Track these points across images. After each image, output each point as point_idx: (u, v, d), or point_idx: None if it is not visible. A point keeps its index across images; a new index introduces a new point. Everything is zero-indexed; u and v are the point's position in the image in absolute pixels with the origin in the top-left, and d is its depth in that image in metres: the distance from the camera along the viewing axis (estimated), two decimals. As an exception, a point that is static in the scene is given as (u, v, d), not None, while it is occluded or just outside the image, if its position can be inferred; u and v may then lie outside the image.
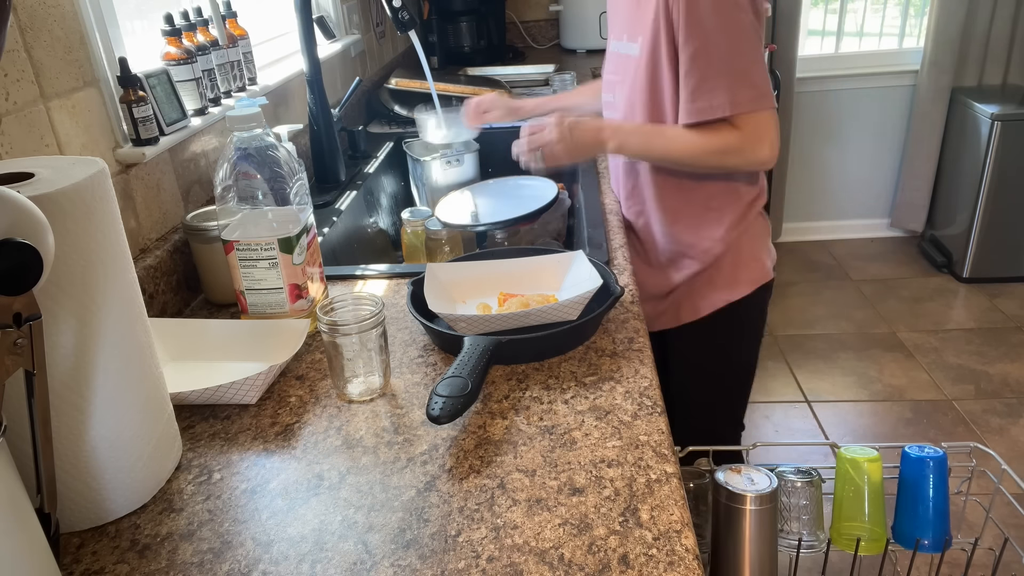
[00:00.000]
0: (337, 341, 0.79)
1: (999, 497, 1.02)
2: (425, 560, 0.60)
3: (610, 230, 1.23)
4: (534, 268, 1.04)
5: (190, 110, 1.16)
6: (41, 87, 0.87)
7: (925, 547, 0.96)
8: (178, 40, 1.15)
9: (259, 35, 1.64)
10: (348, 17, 2.06)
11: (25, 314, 0.53)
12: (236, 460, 0.74)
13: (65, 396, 0.61)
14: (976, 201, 3.02)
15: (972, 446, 1.02)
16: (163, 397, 0.72)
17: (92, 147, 0.96)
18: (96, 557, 0.63)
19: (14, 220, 0.50)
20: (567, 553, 0.60)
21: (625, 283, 1.04)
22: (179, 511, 0.68)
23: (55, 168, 0.61)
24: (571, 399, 0.79)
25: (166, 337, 0.91)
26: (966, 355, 2.68)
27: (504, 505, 0.65)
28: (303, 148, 1.52)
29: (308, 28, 1.40)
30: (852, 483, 0.96)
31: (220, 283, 1.05)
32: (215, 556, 0.62)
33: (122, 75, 0.99)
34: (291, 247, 0.90)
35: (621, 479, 0.67)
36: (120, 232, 0.64)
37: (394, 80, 1.98)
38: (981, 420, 2.34)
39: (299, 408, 0.82)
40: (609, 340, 0.90)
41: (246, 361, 0.89)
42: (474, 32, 2.75)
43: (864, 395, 2.51)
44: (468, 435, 0.75)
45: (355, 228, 1.48)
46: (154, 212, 1.08)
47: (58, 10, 0.90)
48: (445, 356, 0.90)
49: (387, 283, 1.10)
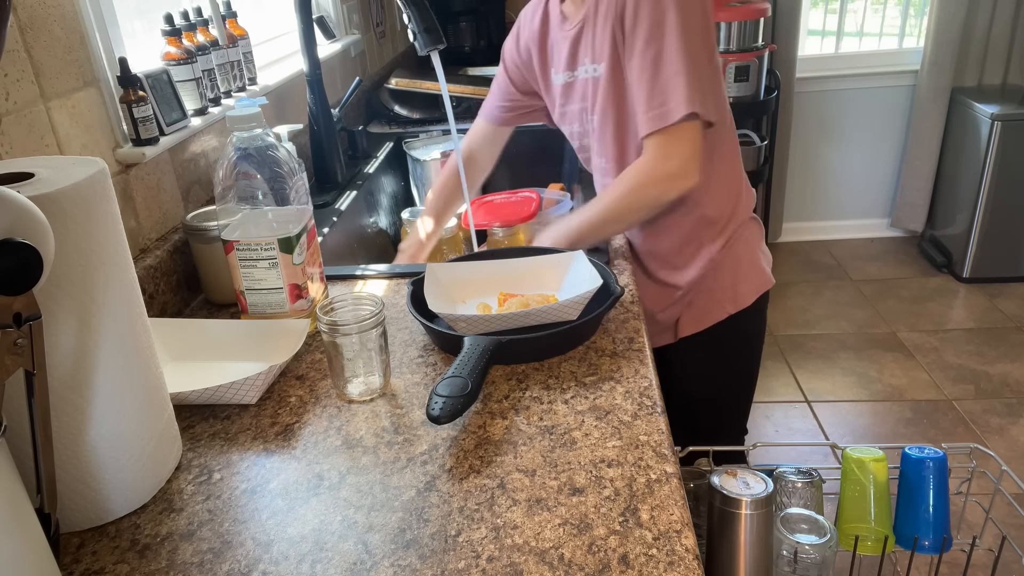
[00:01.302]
0: (337, 341, 0.79)
1: (999, 497, 1.02)
2: (425, 560, 0.60)
3: (610, 230, 1.23)
4: (534, 268, 1.03)
5: (190, 110, 1.16)
6: (41, 87, 0.87)
7: (925, 548, 0.96)
8: (178, 40, 1.15)
9: (259, 35, 1.64)
10: (348, 17, 2.06)
11: (25, 314, 0.53)
12: (236, 460, 0.74)
13: (65, 396, 0.61)
14: (976, 201, 3.02)
15: (972, 447, 1.02)
16: (163, 397, 0.72)
17: (92, 147, 0.96)
18: (96, 557, 0.63)
19: (14, 220, 0.50)
20: (567, 553, 0.60)
21: (625, 283, 1.04)
22: (179, 511, 0.68)
23: (55, 168, 0.61)
24: (571, 399, 0.79)
25: (166, 337, 0.91)
26: (966, 355, 2.68)
27: (504, 505, 0.65)
28: (303, 148, 1.52)
29: (308, 28, 1.40)
30: (858, 484, 0.96)
31: (220, 283, 1.05)
32: (215, 556, 0.62)
33: (122, 75, 0.99)
34: (291, 247, 0.90)
35: (621, 479, 0.67)
36: (120, 232, 0.64)
37: (394, 80, 1.98)
38: (981, 420, 2.34)
39: (299, 408, 0.82)
40: (609, 340, 0.90)
41: (246, 361, 0.89)
42: (474, 32, 2.75)
43: (864, 395, 2.51)
44: (468, 435, 0.75)
45: (355, 228, 1.48)
46: (154, 212, 1.08)
47: (58, 10, 0.90)
48: (445, 356, 0.90)
49: (387, 283, 1.10)
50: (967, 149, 3.09)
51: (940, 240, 3.33)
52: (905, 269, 3.33)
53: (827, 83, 3.36)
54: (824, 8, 3.42)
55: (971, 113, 3.04)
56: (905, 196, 3.44)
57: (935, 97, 3.21)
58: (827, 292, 3.18)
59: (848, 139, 3.47)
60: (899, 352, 2.73)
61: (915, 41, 3.38)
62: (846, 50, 3.42)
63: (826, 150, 3.50)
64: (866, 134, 3.46)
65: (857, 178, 3.55)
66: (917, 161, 3.34)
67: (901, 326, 2.89)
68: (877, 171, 3.53)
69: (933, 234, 3.40)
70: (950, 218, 3.25)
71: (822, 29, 3.43)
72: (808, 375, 2.63)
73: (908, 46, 3.38)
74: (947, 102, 3.21)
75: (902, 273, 3.30)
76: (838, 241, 3.62)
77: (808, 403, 2.49)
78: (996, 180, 2.96)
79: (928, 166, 3.32)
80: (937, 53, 3.14)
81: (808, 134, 3.45)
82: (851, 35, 3.42)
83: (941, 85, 3.18)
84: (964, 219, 3.11)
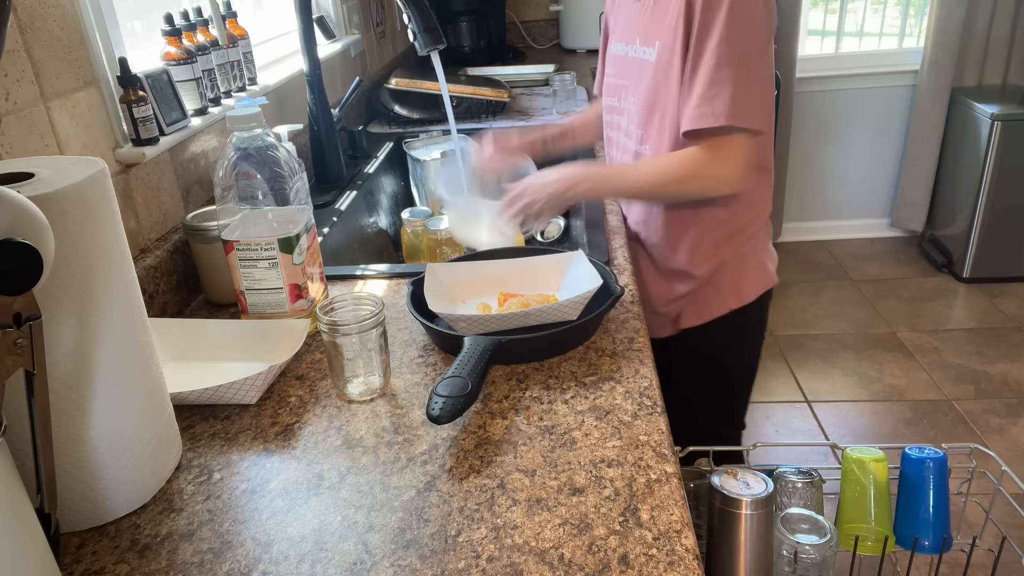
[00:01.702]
0: (337, 341, 0.79)
1: (999, 498, 1.02)
2: (425, 560, 0.60)
3: (610, 230, 1.23)
4: (534, 268, 1.03)
5: (190, 110, 1.16)
6: (41, 87, 0.87)
7: (925, 548, 0.96)
8: (178, 40, 1.15)
9: (259, 35, 1.64)
10: (348, 17, 2.06)
11: (25, 314, 0.53)
12: (236, 460, 0.74)
13: (65, 396, 0.61)
14: (976, 201, 3.02)
15: (972, 447, 1.02)
16: (163, 397, 0.72)
17: (92, 147, 0.96)
18: (96, 557, 0.63)
19: (14, 220, 0.50)
20: (567, 553, 0.60)
21: (625, 283, 1.04)
22: (179, 511, 0.68)
23: (55, 168, 0.61)
24: (571, 399, 0.79)
25: (166, 337, 0.91)
26: (966, 355, 2.68)
27: (504, 505, 0.65)
28: (303, 148, 1.52)
29: (308, 28, 1.40)
30: (858, 484, 0.96)
31: (220, 283, 1.05)
32: (215, 556, 0.62)
33: (122, 75, 0.99)
34: (291, 247, 0.90)
35: (621, 479, 0.67)
36: (120, 232, 0.64)
37: (394, 80, 1.98)
38: (981, 420, 2.34)
39: (299, 408, 0.82)
40: (609, 340, 0.90)
41: (246, 361, 0.89)
42: (474, 32, 2.76)
43: (864, 395, 2.51)
44: (468, 435, 0.75)
45: (355, 228, 1.48)
46: (154, 212, 1.08)
47: (58, 10, 0.90)
48: (445, 356, 0.90)
49: (387, 283, 1.10)
50: (967, 149, 3.09)
51: (940, 240, 3.33)
52: (905, 269, 3.33)
53: (827, 83, 3.36)
54: (824, 8, 3.42)
55: (971, 113, 3.04)
56: (905, 196, 3.44)
57: (935, 97, 3.21)
58: (827, 292, 3.18)
59: (848, 139, 3.47)
60: (899, 352, 2.73)
61: (915, 41, 3.38)
62: (846, 50, 3.42)
63: (826, 150, 3.50)
64: (866, 134, 3.46)
65: (857, 178, 3.55)
66: (917, 161, 3.33)
67: (901, 326, 2.89)
68: (877, 171, 3.53)
69: (933, 234, 3.40)
70: (950, 218, 3.25)
71: (822, 29, 3.43)
72: (808, 375, 2.63)
73: (908, 46, 3.38)
74: (947, 102, 3.21)
75: (902, 273, 3.30)
76: (838, 241, 3.62)
77: (808, 403, 2.49)
78: (996, 180, 2.95)
79: (928, 166, 3.32)
80: (937, 53, 3.14)
81: (808, 134, 3.45)
82: (851, 35, 3.42)
83: (941, 85, 3.18)
84: (964, 219, 3.11)
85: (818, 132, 3.45)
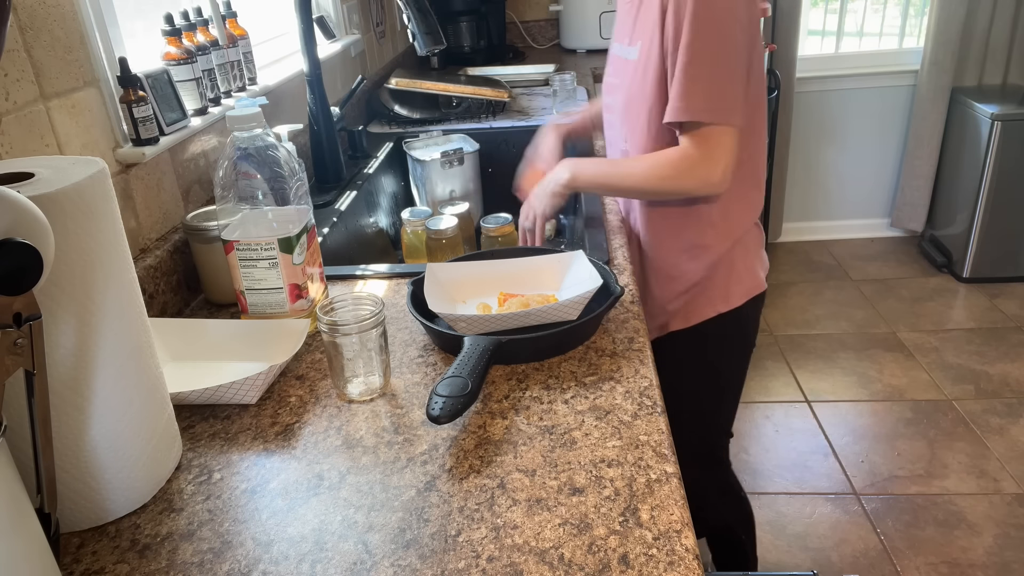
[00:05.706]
0: (337, 341, 0.79)
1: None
2: (425, 560, 0.60)
3: (610, 230, 1.23)
4: (534, 268, 1.03)
5: (190, 110, 1.16)
6: (41, 87, 0.87)
7: None
8: (178, 40, 1.15)
9: (259, 35, 1.64)
10: (348, 17, 2.06)
11: (25, 314, 0.53)
12: (236, 460, 0.74)
13: (65, 396, 0.61)
14: (976, 201, 3.02)
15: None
16: (163, 397, 0.72)
17: (92, 147, 0.96)
18: (96, 557, 0.63)
19: (14, 220, 0.50)
20: (567, 553, 0.60)
21: (625, 283, 1.04)
22: (179, 511, 0.68)
23: (55, 168, 0.61)
24: (571, 399, 0.79)
25: (166, 337, 0.91)
26: (966, 355, 2.68)
27: (504, 505, 0.65)
28: (303, 148, 1.52)
29: (308, 28, 1.40)
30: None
31: (220, 283, 1.05)
32: (215, 556, 0.62)
33: (122, 75, 0.99)
34: (291, 247, 0.90)
35: (621, 479, 0.67)
36: (120, 232, 0.64)
37: (394, 80, 1.98)
38: (981, 420, 2.34)
39: (299, 408, 0.82)
40: (609, 340, 0.90)
41: (246, 361, 0.89)
42: (474, 32, 2.75)
43: (864, 395, 2.51)
44: (468, 435, 0.75)
45: (355, 228, 1.48)
46: (154, 212, 1.08)
47: (58, 10, 0.90)
48: (445, 356, 0.90)
49: (387, 283, 1.10)
50: (967, 149, 3.09)
51: (940, 240, 3.33)
52: (905, 269, 3.33)
53: (827, 83, 3.36)
54: (824, 8, 3.42)
55: (971, 113, 3.04)
56: (905, 196, 3.44)
57: (935, 97, 3.21)
58: (827, 292, 3.18)
59: (848, 139, 3.47)
60: (899, 352, 2.73)
61: (915, 41, 3.38)
62: (846, 50, 3.42)
63: (826, 150, 3.50)
64: (866, 134, 3.46)
65: (857, 178, 3.55)
66: (917, 161, 3.33)
67: (901, 326, 2.89)
68: (877, 171, 3.53)
69: (933, 234, 3.40)
70: (950, 218, 3.25)
71: (822, 29, 3.43)
72: (808, 375, 2.63)
73: (908, 46, 3.38)
74: (947, 102, 3.21)
75: (902, 273, 3.30)
76: (838, 241, 3.62)
77: (808, 403, 2.49)
78: (996, 180, 2.95)
79: (928, 166, 3.32)
80: (937, 53, 3.14)
81: (808, 134, 3.45)
82: (851, 35, 3.42)
83: (941, 85, 3.18)
84: (964, 219, 3.11)
85: (818, 132, 3.45)
